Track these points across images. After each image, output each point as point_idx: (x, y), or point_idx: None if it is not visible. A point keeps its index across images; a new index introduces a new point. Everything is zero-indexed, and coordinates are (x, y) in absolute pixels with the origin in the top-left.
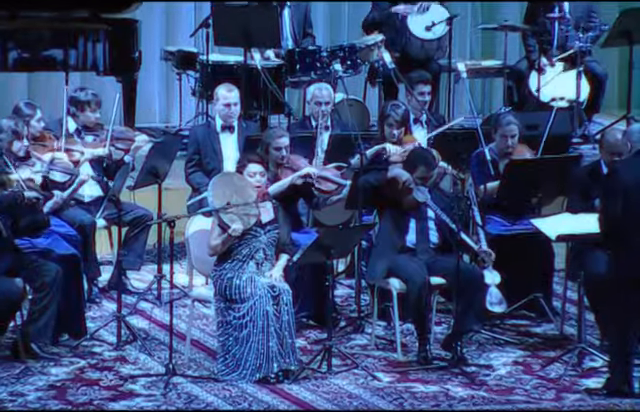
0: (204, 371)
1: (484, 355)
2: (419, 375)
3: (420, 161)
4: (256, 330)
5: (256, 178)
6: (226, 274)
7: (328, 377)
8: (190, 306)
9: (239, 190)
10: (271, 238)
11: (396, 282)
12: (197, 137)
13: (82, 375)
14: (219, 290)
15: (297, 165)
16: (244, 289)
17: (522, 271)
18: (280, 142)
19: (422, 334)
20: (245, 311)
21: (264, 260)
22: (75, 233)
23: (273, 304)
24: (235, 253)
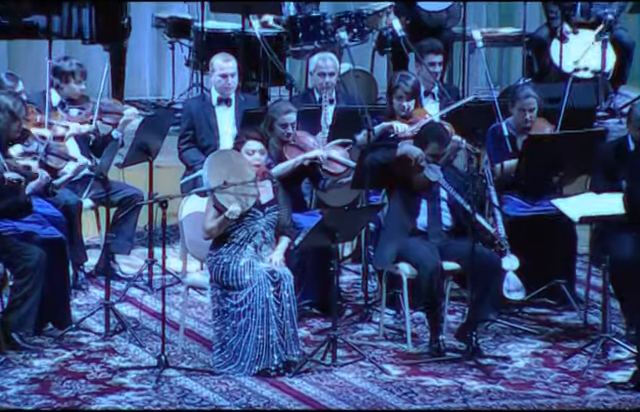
0: (199, 363)
1: (501, 346)
2: (431, 368)
3: (432, 137)
4: (255, 319)
5: (255, 156)
6: (222, 259)
7: (333, 370)
8: (184, 293)
9: (237, 169)
10: (271, 220)
11: (406, 267)
12: (191, 111)
13: (67, 368)
14: (215, 276)
15: (304, 144)
16: (242, 275)
17: (542, 255)
18: (287, 118)
19: (434, 323)
20: (243, 298)
21: (263, 244)
22: (60, 214)
23: (273, 291)
24: (232, 236)
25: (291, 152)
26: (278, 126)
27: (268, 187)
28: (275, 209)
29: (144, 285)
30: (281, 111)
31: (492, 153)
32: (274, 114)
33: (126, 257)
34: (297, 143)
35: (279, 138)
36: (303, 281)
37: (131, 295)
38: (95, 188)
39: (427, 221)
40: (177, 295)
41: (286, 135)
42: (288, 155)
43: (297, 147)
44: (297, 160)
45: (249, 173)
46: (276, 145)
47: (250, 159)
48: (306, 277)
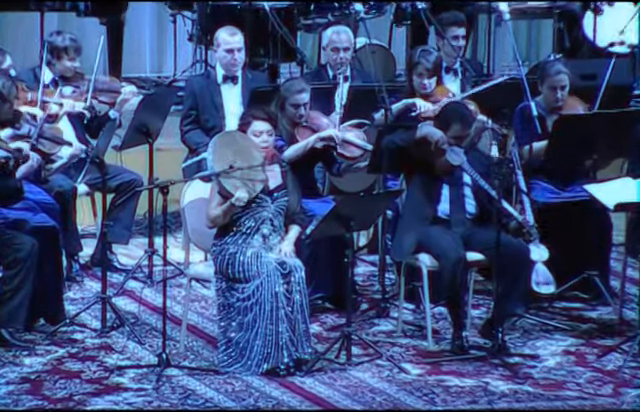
0: (203, 362)
1: (529, 343)
2: (453, 367)
3: (455, 117)
4: (263, 314)
5: (262, 138)
6: (228, 249)
7: (347, 369)
8: (186, 286)
9: (243, 151)
10: (279, 207)
11: (427, 258)
12: (194, 89)
13: (60, 366)
14: (220, 268)
15: (317, 125)
16: (249, 266)
17: (574, 245)
18: (300, 98)
19: (457, 319)
20: (250, 292)
21: (272, 233)
22: (53, 201)
23: (283, 283)
24: (238, 225)
25: (303, 134)
26: (290, 106)
27: (277, 171)
28: (284, 195)
29: (143, 277)
30: (294, 90)
31: (520, 134)
32: (286, 93)
33: (124, 247)
34: (310, 124)
35: (291, 119)
36: (315, 273)
37: (129, 288)
38: (91, 172)
39: (449, 208)
40: (179, 288)
41: (298, 116)
42: (300, 137)
43: (310, 129)
44: (309, 141)
45: (256, 156)
46: (287, 126)
47: (257, 141)
48: (318, 269)
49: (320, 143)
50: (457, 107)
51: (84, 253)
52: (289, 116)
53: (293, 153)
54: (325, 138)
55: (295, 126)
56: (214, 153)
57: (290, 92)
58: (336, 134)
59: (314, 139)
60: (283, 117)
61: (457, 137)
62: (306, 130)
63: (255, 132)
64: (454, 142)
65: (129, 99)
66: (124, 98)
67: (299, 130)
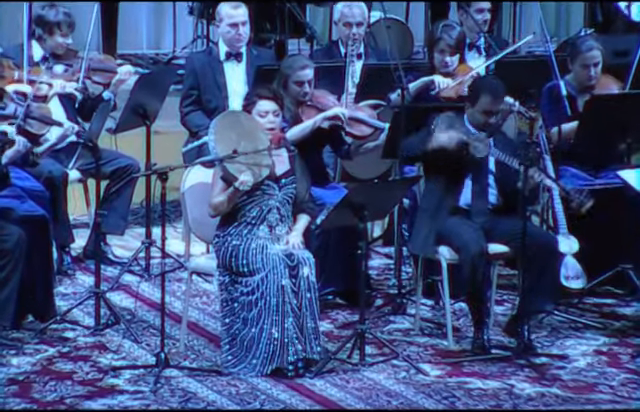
0: (204, 362)
1: (558, 342)
2: (475, 368)
3: (485, 89)
4: (269, 309)
5: (268, 118)
6: (232, 240)
7: (360, 370)
8: (187, 280)
9: (248, 134)
10: (287, 195)
11: (446, 251)
12: (195, 67)
13: (51, 367)
14: (223, 260)
15: (323, 103)
16: (254, 258)
17: (606, 236)
18: (302, 75)
19: (479, 316)
20: (255, 286)
21: (279, 222)
22: (42, 188)
23: (290, 277)
24: (242, 214)
25: (308, 114)
26: (293, 84)
27: (284, 156)
28: (292, 182)
29: (140, 271)
30: (296, 67)
31: (548, 116)
32: (288, 70)
33: (119, 238)
34: (315, 103)
35: (294, 98)
36: (325, 267)
37: (125, 282)
38: (83, 157)
39: (471, 198)
40: (179, 282)
41: (302, 94)
42: (305, 117)
43: (315, 108)
44: (315, 120)
45: (262, 139)
46: (291, 107)
47: (263, 122)
48: (329, 262)
49: (326, 123)
50: (488, 79)
51: (76, 244)
52: (292, 95)
53: (297, 134)
54: (331, 117)
55: (300, 106)
56: (216, 136)
57: (292, 69)
58: (343, 112)
59: (320, 118)
60: (286, 96)
61: (486, 111)
62: (311, 109)
63: (260, 113)
64: (483, 118)
65: (125, 80)
66: (120, 79)
67: (304, 110)
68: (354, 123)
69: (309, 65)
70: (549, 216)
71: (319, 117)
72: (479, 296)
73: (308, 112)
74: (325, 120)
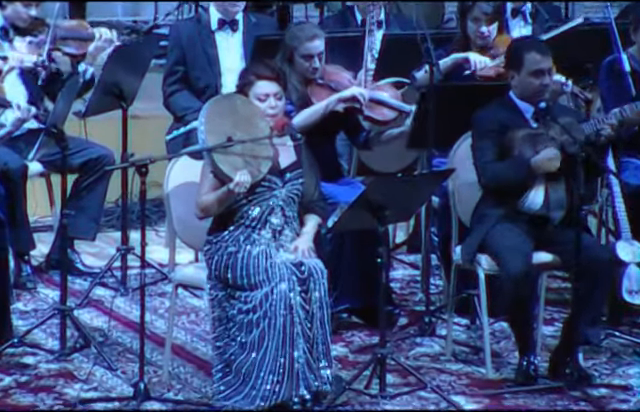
0: (192, 393)
1: (620, 370)
2: (519, 400)
3: (526, 46)
4: (274, 332)
5: (269, 102)
6: (227, 247)
7: (380, 403)
8: (171, 295)
9: (244, 120)
10: (292, 191)
11: (484, 260)
12: (181, 38)
13: (7, 399)
14: (216, 271)
15: (337, 82)
16: (255, 269)
17: None
18: (312, 47)
19: (524, 338)
20: (257, 302)
21: (283, 225)
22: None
23: (300, 291)
24: (240, 215)
25: (319, 94)
26: (299, 58)
27: (289, 145)
28: (299, 176)
29: (115, 283)
30: (303, 37)
31: (607, 96)
32: (294, 41)
33: (90, 244)
34: (327, 82)
35: (302, 75)
36: (339, 279)
37: (97, 297)
38: (46, 147)
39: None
40: (162, 297)
41: (311, 70)
42: (315, 98)
43: (327, 87)
44: (328, 103)
45: (262, 126)
46: (298, 86)
47: (262, 106)
48: (343, 273)
49: (341, 105)
50: (525, 38)
51: (37, 252)
52: (300, 71)
53: (305, 120)
54: (347, 99)
55: (308, 84)
56: (207, 122)
57: (299, 40)
58: (361, 93)
59: (333, 100)
60: (292, 73)
61: (536, 72)
62: (322, 89)
63: (259, 95)
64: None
65: (104, 48)
66: (98, 46)
67: (313, 89)
68: (374, 106)
69: (319, 35)
70: (608, 217)
71: (332, 99)
72: (524, 314)
73: (318, 92)
74: (340, 102)
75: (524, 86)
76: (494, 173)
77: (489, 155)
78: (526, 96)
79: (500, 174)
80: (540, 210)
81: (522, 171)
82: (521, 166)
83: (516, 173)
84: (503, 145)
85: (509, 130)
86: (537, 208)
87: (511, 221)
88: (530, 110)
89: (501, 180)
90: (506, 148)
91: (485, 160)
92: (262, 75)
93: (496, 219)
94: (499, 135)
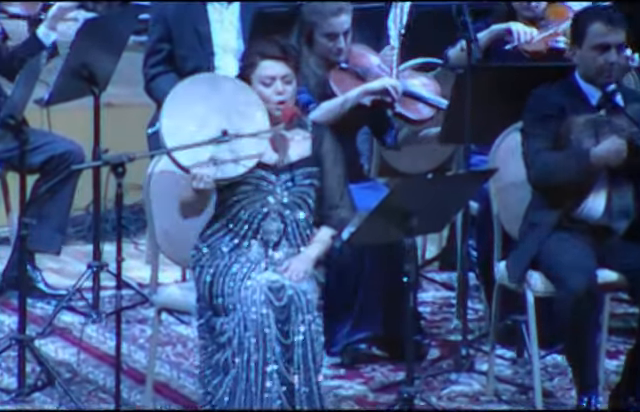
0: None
1: None
2: None
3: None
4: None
5: (275, 86)
6: (212, 258)
7: None
8: (154, 321)
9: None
10: (297, 194)
11: (535, 278)
12: (166, 10)
13: None
14: (201, 288)
15: (364, 67)
16: (230, 288)
17: None
18: (337, 23)
19: (584, 374)
20: (231, 332)
21: (281, 238)
22: None
23: (277, 320)
24: (228, 217)
25: (342, 82)
26: (321, 37)
27: (299, 139)
28: (307, 175)
29: (85, 307)
30: (327, 12)
31: None
32: (314, 16)
33: (55, 259)
34: (352, 66)
35: (323, 58)
36: (356, 302)
37: (63, 324)
38: (1, 141)
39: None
40: (142, 324)
41: (335, 52)
42: (338, 87)
43: (352, 73)
44: (352, 96)
45: (257, 118)
46: (317, 70)
47: (268, 92)
48: (362, 295)
49: (368, 98)
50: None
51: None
52: (321, 53)
53: (325, 115)
54: (376, 91)
55: (330, 69)
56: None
57: (322, 15)
58: (393, 85)
59: (360, 93)
60: (310, 56)
61: (601, 45)
62: (346, 75)
63: (264, 78)
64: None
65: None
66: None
67: (335, 75)
68: (408, 101)
69: (345, 9)
70: None
71: (358, 91)
72: (585, 345)
73: (342, 80)
74: (367, 95)
75: (586, 63)
76: (545, 165)
77: (541, 143)
78: (589, 76)
79: (552, 166)
80: (601, 219)
81: (579, 163)
82: (578, 157)
83: (572, 165)
84: (560, 134)
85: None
86: (598, 216)
87: (569, 231)
88: (596, 95)
89: (553, 174)
90: (563, 137)
91: (536, 148)
92: (267, 54)
93: (550, 228)
94: (557, 122)
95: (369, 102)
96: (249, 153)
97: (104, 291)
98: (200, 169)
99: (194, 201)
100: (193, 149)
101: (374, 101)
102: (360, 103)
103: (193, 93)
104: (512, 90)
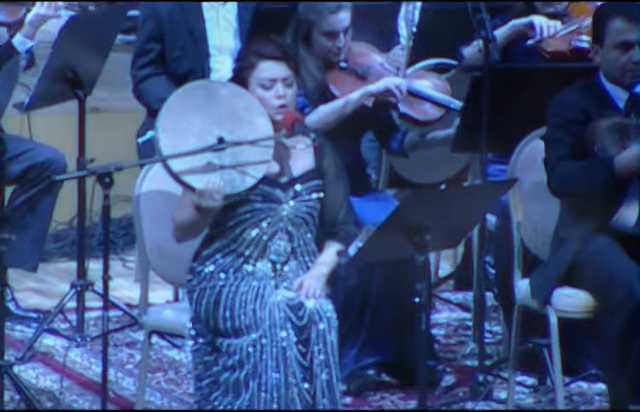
0: None
1: None
2: None
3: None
4: (265, 393)
5: (276, 90)
6: (211, 279)
7: None
8: (143, 345)
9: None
10: (303, 210)
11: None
12: (157, 7)
13: None
14: (198, 312)
15: (365, 66)
16: (242, 309)
17: None
18: (336, 21)
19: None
20: (244, 354)
21: (289, 256)
22: None
23: (298, 341)
24: (231, 238)
25: (341, 83)
26: (320, 36)
27: (302, 147)
28: (313, 189)
29: (69, 331)
30: (325, 9)
31: None
32: (312, 15)
33: (33, 278)
34: (352, 66)
35: (323, 58)
36: (364, 325)
37: (45, 349)
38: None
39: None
40: (130, 348)
41: (335, 51)
42: (336, 88)
43: (352, 73)
44: (355, 98)
45: (259, 124)
46: (316, 72)
47: (267, 96)
48: (370, 316)
49: (370, 100)
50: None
51: None
52: (319, 53)
53: (322, 119)
54: (379, 92)
55: (329, 69)
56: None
57: (320, 13)
58: (397, 84)
59: (361, 95)
60: (308, 56)
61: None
62: (346, 76)
63: (263, 81)
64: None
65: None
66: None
67: (333, 76)
68: (414, 100)
69: (344, 6)
70: None
71: (360, 93)
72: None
73: (341, 80)
74: (369, 97)
75: (608, 63)
76: (566, 174)
77: (563, 150)
78: (614, 76)
79: (573, 175)
80: (635, 229)
81: (602, 172)
82: (601, 166)
83: (594, 174)
84: (584, 140)
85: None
86: (631, 226)
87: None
88: (623, 96)
89: (575, 183)
90: (587, 143)
91: (557, 155)
92: (267, 54)
93: (582, 241)
94: (580, 127)
95: (371, 103)
96: (255, 163)
97: (89, 312)
98: (207, 185)
99: (195, 221)
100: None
101: (377, 102)
102: (364, 105)
103: (188, 104)
104: (533, 93)
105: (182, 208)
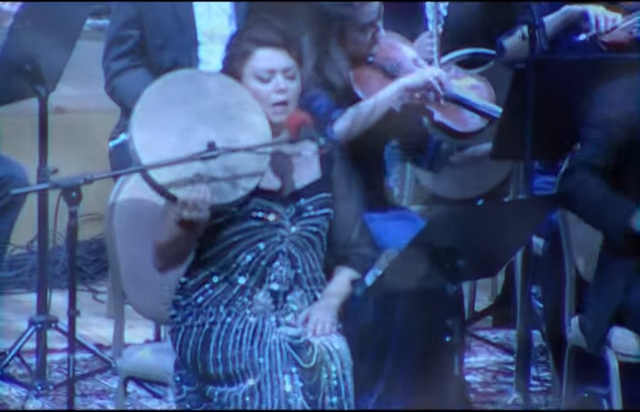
0: None
1: None
2: None
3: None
4: None
5: (275, 82)
6: (198, 315)
7: None
8: (117, 394)
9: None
10: (309, 229)
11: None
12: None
13: None
14: (184, 353)
15: (395, 61)
16: (236, 351)
17: None
18: (370, 11)
19: None
20: (239, 404)
21: (292, 284)
22: None
23: (305, 387)
24: (222, 264)
25: (367, 81)
26: (355, 32)
27: (307, 154)
28: (322, 205)
29: (27, 376)
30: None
31: None
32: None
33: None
34: (380, 61)
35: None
36: (383, 368)
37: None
38: None
39: None
40: (102, 399)
41: (369, 43)
42: (362, 88)
43: (380, 70)
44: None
45: (254, 123)
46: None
47: (265, 91)
48: (391, 358)
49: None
50: None
51: None
52: (354, 49)
53: (354, 124)
54: (418, 87)
55: (356, 66)
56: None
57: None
58: (437, 76)
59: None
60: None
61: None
62: (372, 72)
63: (260, 72)
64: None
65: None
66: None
67: (358, 73)
68: (450, 107)
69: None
70: None
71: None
72: None
73: (366, 78)
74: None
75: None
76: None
77: (593, 151)
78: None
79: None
80: None
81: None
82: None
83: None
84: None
85: None
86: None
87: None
88: None
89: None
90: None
91: (584, 157)
92: (264, 41)
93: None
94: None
95: (399, 107)
96: (249, 170)
97: (52, 355)
98: (191, 194)
99: (178, 240)
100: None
101: (405, 105)
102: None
103: (168, 97)
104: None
105: (163, 227)
